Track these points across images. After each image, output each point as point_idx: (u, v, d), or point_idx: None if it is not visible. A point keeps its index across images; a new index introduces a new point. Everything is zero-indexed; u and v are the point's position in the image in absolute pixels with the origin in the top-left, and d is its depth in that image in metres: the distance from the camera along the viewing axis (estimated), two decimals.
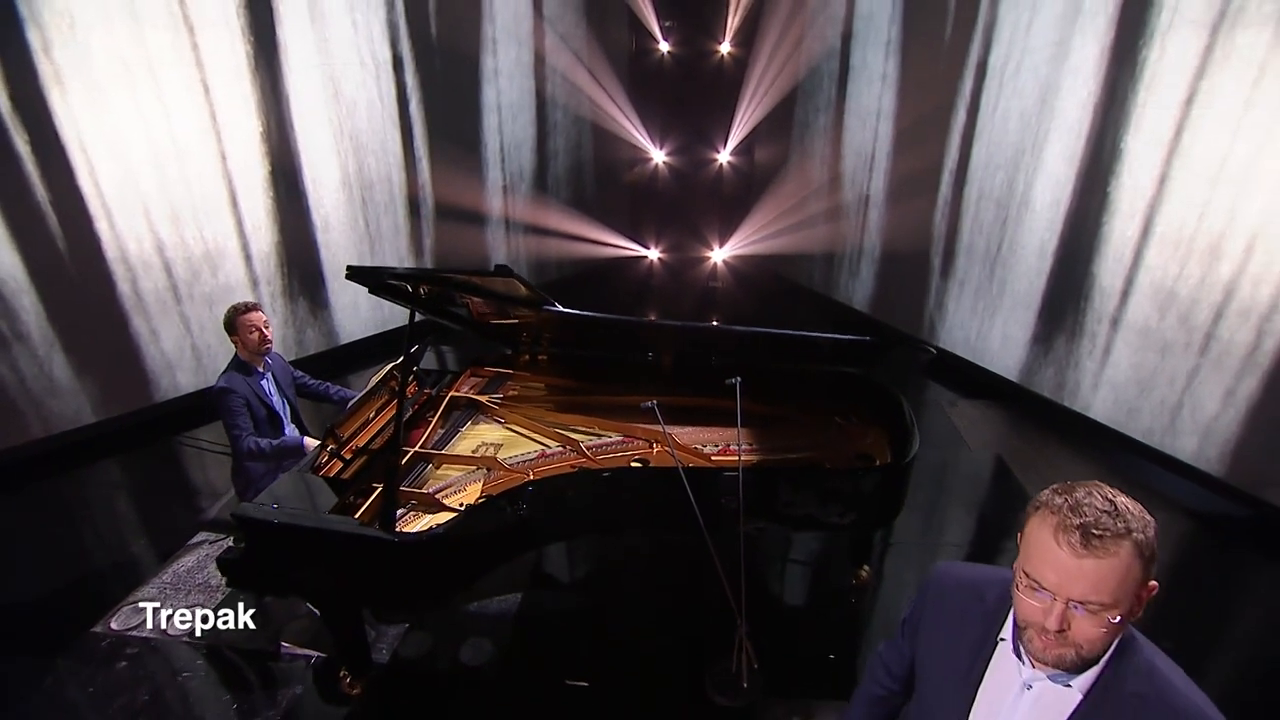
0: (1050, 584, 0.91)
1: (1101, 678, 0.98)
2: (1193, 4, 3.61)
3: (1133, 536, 0.89)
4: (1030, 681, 1.02)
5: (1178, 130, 3.79)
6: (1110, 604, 0.90)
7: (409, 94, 5.69)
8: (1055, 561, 0.91)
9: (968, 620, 1.11)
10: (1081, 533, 0.89)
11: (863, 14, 6.11)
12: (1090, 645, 0.94)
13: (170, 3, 4.01)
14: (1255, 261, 3.53)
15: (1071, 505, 0.91)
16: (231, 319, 2.90)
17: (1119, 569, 0.88)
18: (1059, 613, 0.91)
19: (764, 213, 7.83)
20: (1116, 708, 0.96)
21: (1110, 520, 0.89)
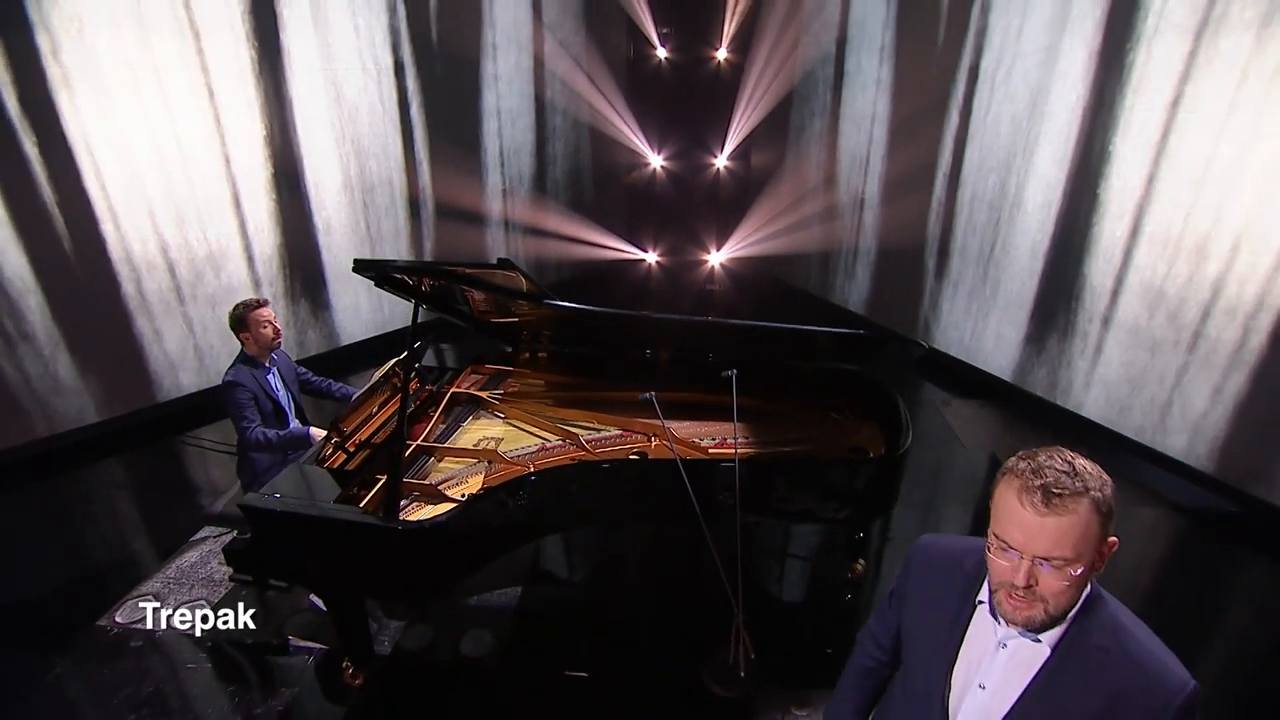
0: (1017, 543, 0.97)
1: (1068, 633, 1.04)
2: (1177, 9, 3.70)
3: (1090, 495, 0.95)
4: (1004, 640, 1.08)
5: (1164, 133, 3.87)
6: (1073, 558, 0.96)
7: (410, 98, 5.77)
8: (1020, 521, 0.97)
9: (949, 587, 1.17)
10: (1043, 493, 0.95)
11: (857, 20, 6.21)
12: (1056, 600, 0.99)
13: (176, 8, 4.09)
14: (1241, 260, 3.60)
15: (1033, 469, 0.97)
16: (242, 315, 2.93)
17: (1079, 525, 0.94)
18: (1026, 569, 0.97)
19: (760, 216, 7.91)
20: (1082, 660, 1.02)
21: (1069, 480, 0.95)
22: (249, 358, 2.99)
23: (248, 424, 2.89)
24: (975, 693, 1.11)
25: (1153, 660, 1.01)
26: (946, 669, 1.15)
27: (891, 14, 5.80)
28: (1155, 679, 0.99)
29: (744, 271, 8.23)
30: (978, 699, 1.11)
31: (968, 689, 1.12)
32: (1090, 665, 1.02)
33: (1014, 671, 1.08)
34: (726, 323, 2.50)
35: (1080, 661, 1.02)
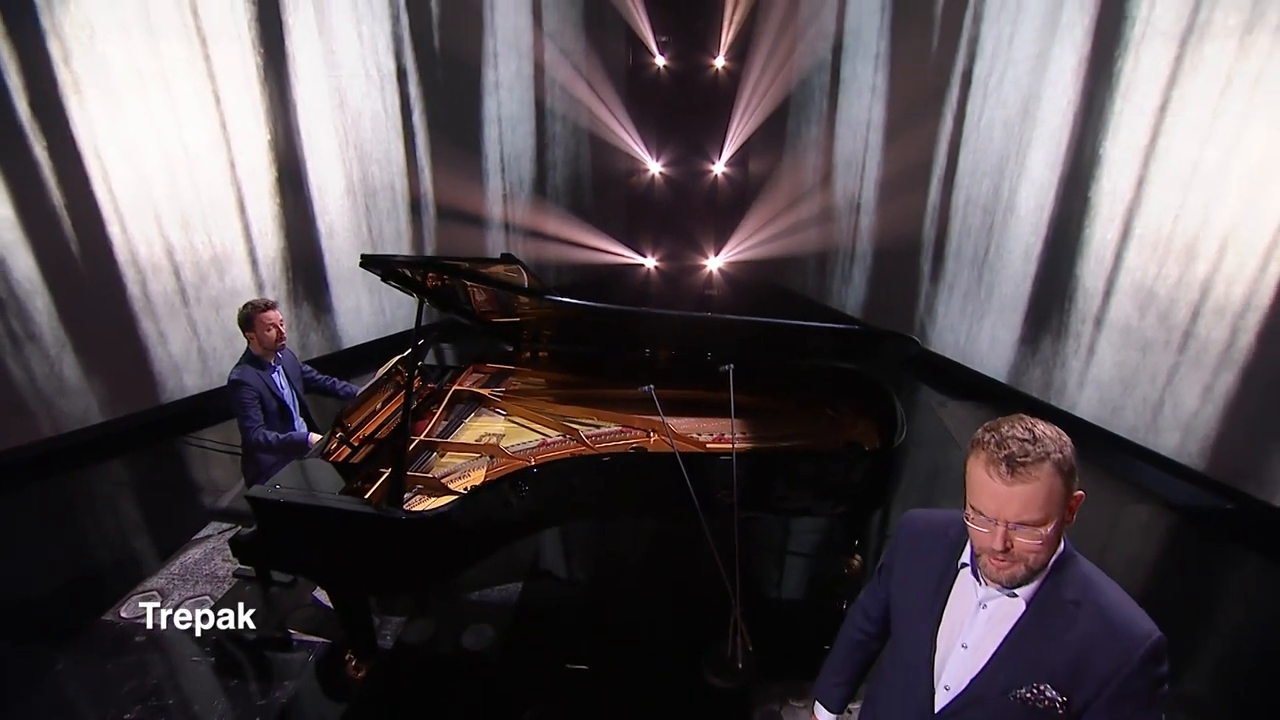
0: (990, 511, 1.03)
1: (1042, 588, 1.10)
2: (1163, 17, 3.78)
3: (1051, 458, 1.01)
4: (985, 600, 1.14)
5: (1153, 136, 3.95)
6: (1042, 519, 1.02)
7: (412, 104, 5.86)
8: (991, 492, 1.03)
9: (934, 554, 1.23)
10: (1008, 463, 1.01)
11: (852, 29, 6.31)
12: (1035, 557, 1.06)
13: (185, 16, 4.17)
14: (1228, 261, 3.66)
15: (997, 441, 1.03)
16: (250, 315, 2.98)
17: (1044, 489, 1.01)
18: (1002, 535, 1.03)
19: (758, 221, 7.99)
20: (1055, 614, 1.08)
21: (1031, 447, 1.01)
22: (254, 356, 3.05)
23: (251, 424, 2.93)
24: (958, 652, 1.17)
25: (1120, 613, 1.06)
26: (932, 631, 1.20)
27: (886, 22, 5.90)
28: (1122, 630, 1.05)
29: (742, 276, 8.30)
30: (960, 657, 1.17)
31: (951, 649, 1.18)
32: (1062, 618, 1.08)
33: (993, 628, 1.13)
34: (725, 318, 2.55)
35: (1053, 615, 1.08)
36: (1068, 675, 1.07)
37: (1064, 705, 1.07)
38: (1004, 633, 1.12)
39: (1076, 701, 1.07)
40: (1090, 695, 1.06)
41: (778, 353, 2.94)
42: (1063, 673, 1.07)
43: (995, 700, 1.12)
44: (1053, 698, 1.07)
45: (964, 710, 1.16)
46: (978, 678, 1.14)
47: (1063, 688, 1.07)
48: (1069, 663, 1.07)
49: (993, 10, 4.88)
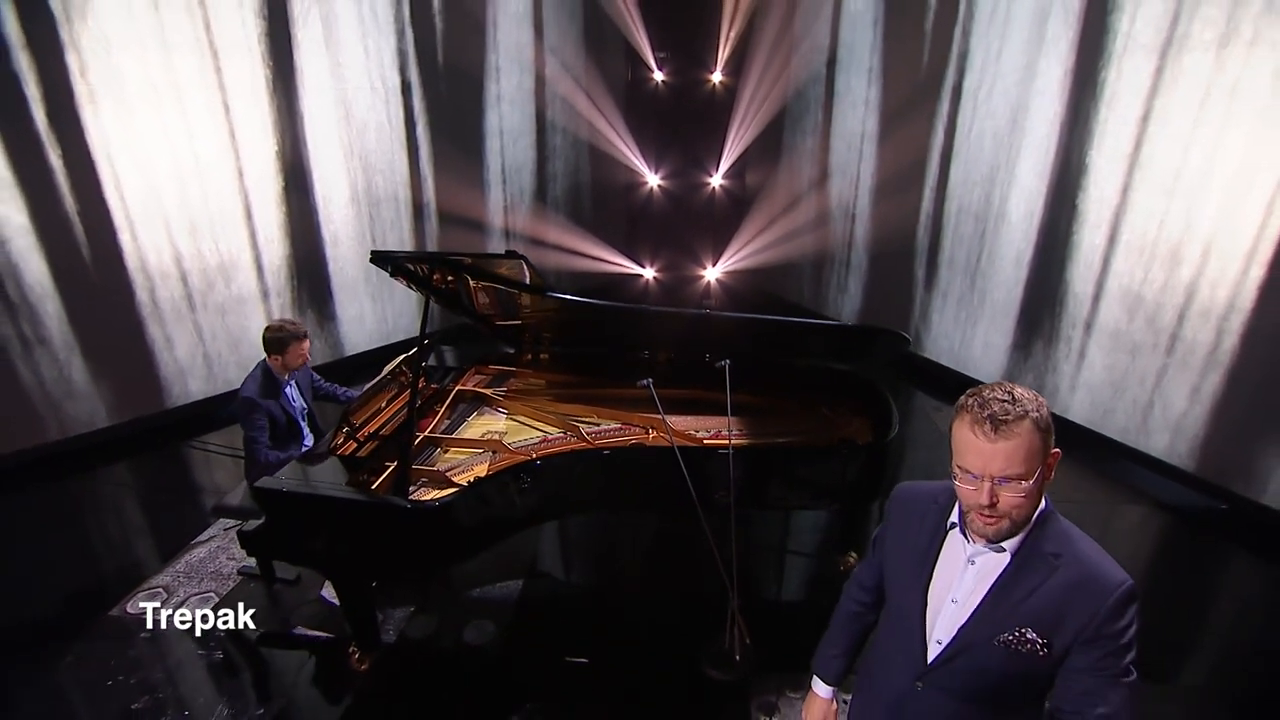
0: (976, 468, 1.12)
1: (1025, 542, 1.18)
2: (1143, 30, 3.92)
3: (1030, 416, 1.09)
4: (973, 557, 1.23)
5: (1137, 145, 4.06)
6: (1025, 473, 1.10)
7: (416, 117, 5.99)
8: (976, 450, 1.11)
9: (925, 519, 1.31)
10: (990, 422, 1.09)
11: (845, 43, 6.48)
12: (1018, 511, 1.14)
13: (198, 30, 4.30)
14: (1212, 265, 3.76)
15: (980, 403, 1.12)
16: (285, 341, 3.05)
17: (1024, 445, 1.09)
18: (988, 490, 1.11)
19: (755, 232, 8.12)
20: (1036, 564, 1.17)
21: (1011, 407, 1.09)
22: (270, 373, 3.10)
23: (258, 446, 2.99)
24: (948, 607, 1.25)
25: (1094, 563, 1.15)
26: (923, 589, 1.28)
27: (878, 37, 6.05)
28: (1096, 578, 1.13)
29: (739, 286, 8.41)
30: (950, 612, 1.24)
31: (942, 605, 1.26)
32: (1043, 568, 1.16)
33: (980, 582, 1.21)
34: (723, 315, 2.63)
35: (1035, 566, 1.17)
36: (1048, 620, 1.14)
37: (1045, 647, 1.14)
38: (990, 585, 1.20)
39: (1057, 644, 1.14)
40: (1070, 639, 1.13)
41: (775, 349, 3.01)
42: (1044, 618, 1.15)
43: (982, 646, 1.19)
44: (1034, 640, 1.15)
45: (954, 659, 1.23)
46: (965, 626, 1.21)
47: (1043, 631, 1.14)
48: (1049, 609, 1.14)
49: (981, 25, 5.03)
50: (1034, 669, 1.18)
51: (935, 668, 1.26)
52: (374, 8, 5.36)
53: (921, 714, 1.30)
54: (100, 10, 3.86)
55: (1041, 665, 1.17)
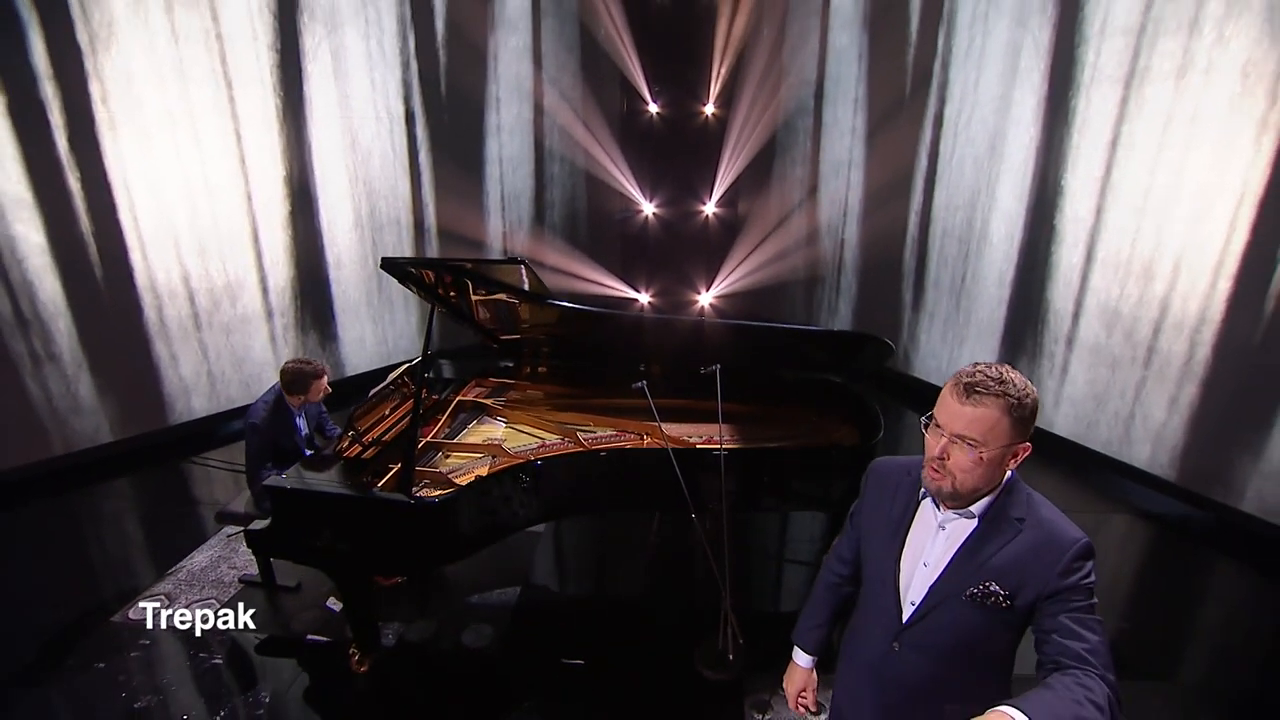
0: (941, 421, 1.23)
1: (993, 506, 1.28)
2: (1108, 62, 4.16)
3: (1006, 398, 1.19)
4: (943, 523, 1.32)
5: (1107, 168, 4.27)
6: (979, 442, 1.20)
7: (419, 145, 6.21)
8: (948, 407, 1.23)
9: (899, 489, 1.42)
10: (966, 388, 1.21)
11: (832, 75, 6.77)
12: (963, 477, 1.23)
13: (214, 63, 4.51)
14: (1182, 280, 3.93)
15: (969, 373, 1.23)
16: (307, 382, 3.16)
17: (989, 417, 1.19)
18: (943, 444, 1.23)
19: (747, 258, 8.32)
20: (1003, 527, 1.27)
21: (992, 383, 1.20)
22: (283, 404, 3.20)
23: (259, 470, 3.08)
24: (920, 570, 1.34)
25: (1055, 524, 1.26)
26: (896, 555, 1.38)
27: (863, 69, 6.33)
28: (1056, 536, 1.24)
29: (732, 309, 8.57)
30: (922, 574, 1.34)
31: (915, 569, 1.35)
32: (1008, 531, 1.26)
33: (950, 545, 1.31)
34: (716, 322, 2.76)
35: (1000, 529, 1.27)
36: (1011, 576, 1.24)
37: (1008, 599, 1.24)
38: (958, 546, 1.30)
39: (1019, 599, 1.23)
40: (1032, 594, 1.23)
41: (767, 355, 3.13)
42: (1007, 574, 1.24)
43: (951, 602, 1.29)
44: (997, 592, 1.24)
45: (926, 617, 1.32)
46: (935, 585, 1.31)
47: (1006, 586, 1.24)
48: (1012, 567, 1.24)
49: (959, 58, 5.30)
50: (997, 622, 1.27)
51: (909, 627, 1.35)
52: (381, 42, 5.61)
53: (898, 673, 1.39)
54: (124, 43, 4.07)
55: (1004, 618, 1.26)
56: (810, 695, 1.68)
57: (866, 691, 1.47)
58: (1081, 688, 1.10)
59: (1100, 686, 1.12)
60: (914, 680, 1.37)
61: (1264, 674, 3.00)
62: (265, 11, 4.75)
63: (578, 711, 2.68)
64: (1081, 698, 1.08)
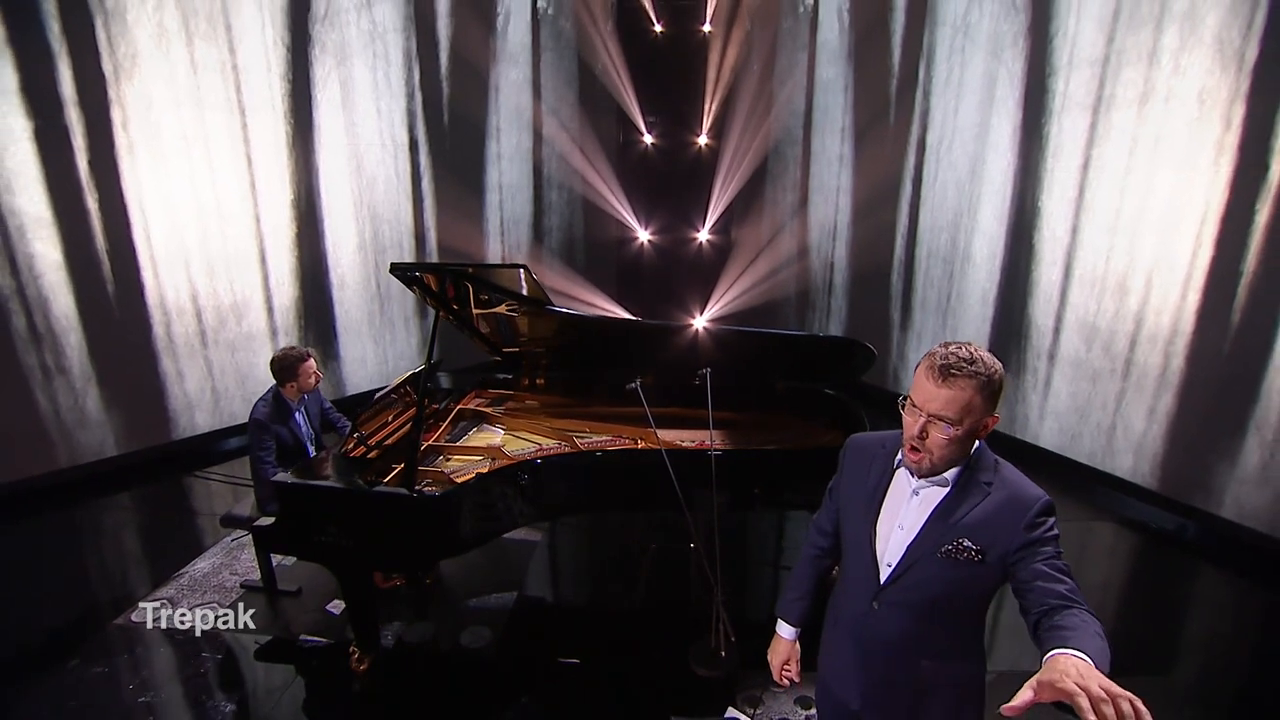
0: (919, 402, 1.33)
1: (964, 472, 1.39)
2: (1077, 90, 4.40)
3: (979, 377, 1.29)
4: (917, 489, 1.43)
5: (1080, 190, 4.48)
6: (955, 420, 1.30)
7: (422, 172, 6.43)
8: (923, 388, 1.33)
9: (874, 461, 1.52)
10: (941, 370, 1.30)
11: (820, 106, 7.06)
12: (940, 453, 1.34)
13: (229, 91, 4.73)
14: (1155, 294, 4.10)
15: (942, 355, 1.32)
16: (294, 366, 3.24)
17: (964, 396, 1.29)
18: (921, 424, 1.33)
19: (740, 282, 8.52)
20: (972, 490, 1.38)
21: (965, 365, 1.29)
22: (282, 399, 3.30)
23: (265, 465, 3.17)
24: (896, 533, 1.44)
25: (1019, 485, 1.37)
26: (873, 521, 1.48)
27: (849, 100, 6.62)
28: (1021, 495, 1.35)
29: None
30: (898, 537, 1.44)
31: (890, 533, 1.45)
32: (978, 493, 1.37)
33: (924, 509, 1.42)
34: (710, 327, 2.90)
35: (971, 491, 1.38)
36: (982, 533, 1.34)
37: (980, 554, 1.34)
38: (932, 510, 1.40)
39: (991, 554, 1.34)
40: (1003, 548, 1.33)
41: (755, 360, 3.25)
42: (978, 531, 1.35)
43: (927, 560, 1.39)
44: (969, 547, 1.34)
45: (903, 576, 1.42)
46: (911, 545, 1.41)
47: (979, 542, 1.34)
48: (983, 524, 1.35)
49: (939, 87, 5.57)
50: (971, 577, 1.36)
51: (887, 587, 1.45)
52: (388, 73, 5.87)
53: (878, 632, 1.48)
54: (146, 72, 4.29)
55: (977, 573, 1.36)
56: (794, 666, 1.76)
57: (848, 652, 1.56)
58: (1087, 621, 1.17)
59: (1094, 620, 1.20)
60: (892, 638, 1.46)
61: (1248, 674, 3.08)
62: (280, 45, 5.00)
63: (574, 709, 2.74)
64: (1096, 630, 1.15)
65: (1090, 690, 0.96)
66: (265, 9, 4.86)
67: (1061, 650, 1.08)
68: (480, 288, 2.75)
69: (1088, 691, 0.95)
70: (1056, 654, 1.08)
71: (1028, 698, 1.02)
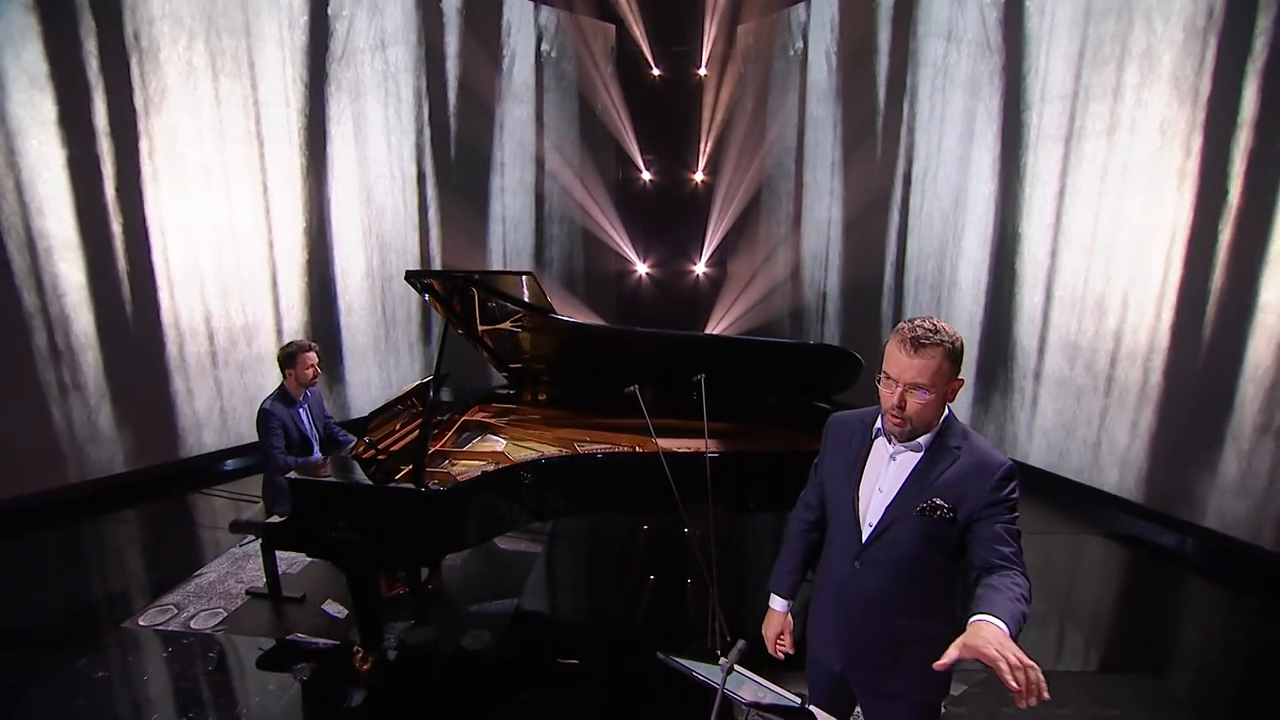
0: (894, 374, 1.47)
1: (934, 439, 1.52)
2: (1050, 123, 4.68)
3: (944, 345, 1.44)
4: (894, 454, 1.56)
5: (1057, 216, 4.72)
6: (929, 386, 1.44)
7: (429, 203, 6.70)
8: (897, 360, 1.47)
9: (854, 434, 1.66)
10: (912, 342, 1.45)
11: (811, 142, 7.38)
12: (918, 417, 1.48)
13: (249, 124, 5.01)
14: (1131, 312, 4.28)
15: (909, 328, 1.47)
16: (293, 354, 3.47)
17: (934, 364, 1.44)
18: (899, 394, 1.47)
19: (734, 310, 8.73)
20: (943, 455, 1.51)
21: (931, 335, 1.44)
22: (285, 392, 3.50)
23: (275, 451, 3.34)
24: (876, 496, 1.57)
25: (986, 451, 1.50)
26: (855, 486, 1.61)
27: (839, 136, 6.94)
28: (987, 461, 1.48)
29: None
30: (878, 499, 1.56)
31: (871, 496, 1.58)
32: (948, 457, 1.50)
33: (901, 472, 1.54)
34: (712, 336, 3.06)
35: (942, 456, 1.51)
36: (952, 493, 1.47)
37: (950, 512, 1.47)
38: (908, 472, 1.53)
39: (960, 511, 1.47)
40: (969, 508, 1.46)
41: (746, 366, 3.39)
42: (948, 491, 1.48)
43: (904, 519, 1.51)
44: (942, 505, 1.47)
45: (883, 534, 1.54)
46: (890, 505, 1.53)
47: (949, 500, 1.47)
48: (953, 485, 1.48)
49: (922, 122, 5.87)
50: (942, 533, 1.49)
51: (869, 546, 1.56)
52: (399, 110, 6.19)
53: (859, 590, 1.59)
54: (174, 106, 4.56)
55: (947, 530, 1.48)
56: (787, 637, 1.85)
57: (832, 615, 1.66)
58: (1015, 585, 1.34)
59: (1025, 581, 1.37)
60: (872, 595, 1.58)
61: (1239, 679, 3.14)
62: (299, 82, 5.31)
63: (573, 707, 2.79)
64: (1018, 595, 1.32)
65: (1008, 659, 1.16)
66: (286, 48, 5.19)
67: (985, 616, 1.27)
68: (486, 293, 2.92)
69: (1006, 660, 1.16)
70: (979, 620, 1.26)
71: (954, 655, 1.24)
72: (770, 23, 7.57)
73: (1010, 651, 1.17)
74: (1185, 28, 3.87)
